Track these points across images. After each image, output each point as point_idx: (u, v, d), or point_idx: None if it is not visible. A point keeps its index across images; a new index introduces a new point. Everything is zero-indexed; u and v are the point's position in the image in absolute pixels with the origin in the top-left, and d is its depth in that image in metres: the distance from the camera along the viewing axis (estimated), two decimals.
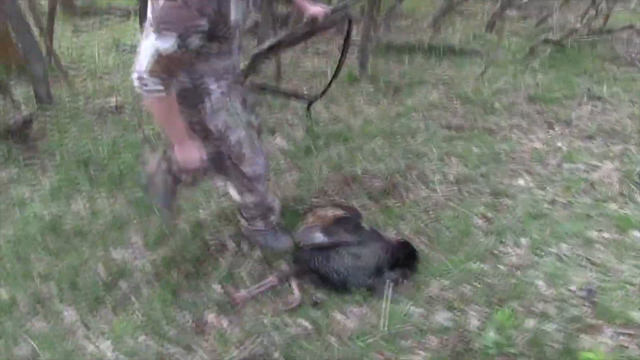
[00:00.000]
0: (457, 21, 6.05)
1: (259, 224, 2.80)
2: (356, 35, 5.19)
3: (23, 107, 4.39)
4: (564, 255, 2.57)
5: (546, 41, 5.03)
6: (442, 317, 2.26)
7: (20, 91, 4.79)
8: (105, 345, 2.40)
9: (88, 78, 5.19)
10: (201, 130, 2.21)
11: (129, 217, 3.17)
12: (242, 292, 2.53)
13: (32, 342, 2.44)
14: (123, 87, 4.94)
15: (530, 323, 2.16)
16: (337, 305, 2.42)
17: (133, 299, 2.62)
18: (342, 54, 2.86)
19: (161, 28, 1.74)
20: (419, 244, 2.74)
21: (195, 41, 1.80)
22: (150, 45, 1.76)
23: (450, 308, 2.30)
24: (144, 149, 3.87)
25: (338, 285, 2.49)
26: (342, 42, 2.92)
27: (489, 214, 2.93)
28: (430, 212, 3.00)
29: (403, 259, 2.52)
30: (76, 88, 4.88)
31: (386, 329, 2.22)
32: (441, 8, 5.89)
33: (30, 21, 5.12)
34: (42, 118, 4.33)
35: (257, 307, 2.49)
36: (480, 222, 2.89)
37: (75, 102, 4.64)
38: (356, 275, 2.45)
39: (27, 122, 3.94)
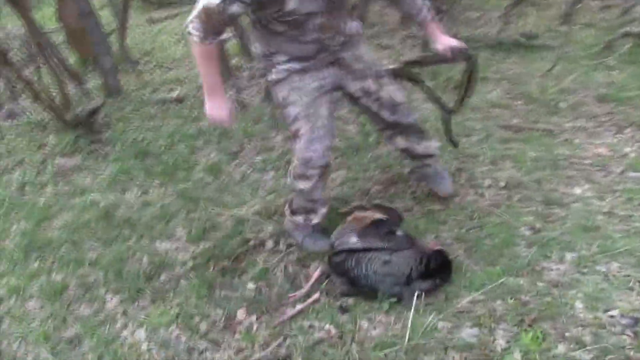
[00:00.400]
0: (530, 13, 5.75)
1: (299, 218, 2.82)
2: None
3: (94, 97, 4.61)
4: (612, 275, 2.38)
5: (626, 34, 4.67)
6: (467, 333, 2.16)
7: (94, 82, 5.03)
8: (141, 335, 2.49)
9: (156, 69, 5.38)
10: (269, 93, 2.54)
11: (177, 209, 3.26)
12: (286, 313, 2.49)
13: (77, 326, 2.58)
14: (188, 78, 5.08)
15: (561, 349, 2.01)
16: (364, 312, 2.39)
17: (171, 291, 2.70)
18: (465, 91, 2.92)
19: None
20: (457, 252, 2.64)
21: (236, 9, 2.06)
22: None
23: (478, 324, 2.19)
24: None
25: (366, 291, 2.45)
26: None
27: (537, 224, 2.77)
28: (474, 219, 2.88)
29: (436, 268, 2.44)
30: (144, 79, 5.07)
31: (409, 341, 2.16)
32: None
33: (109, 15, 5.40)
34: (109, 108, 4.54)
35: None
36: (526, 232, 2.74)
37: (141, 93, 4.82)
38: (385, 282, 2.40)
39: (93, 113, 4.12)
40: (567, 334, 2.07)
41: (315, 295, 2.49)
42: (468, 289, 2.40)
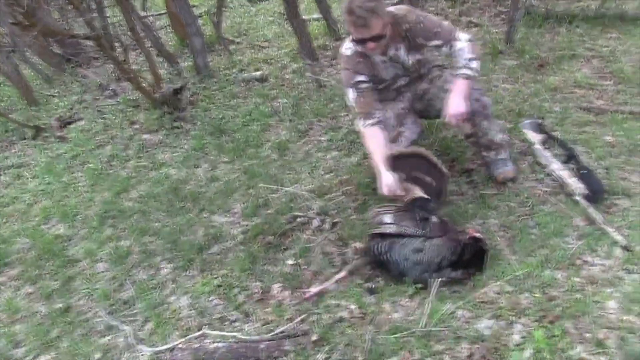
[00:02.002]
0: None
1: None
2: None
3: (185, 77, 4.88)
4: None
5: None
6: (484, 324, 2.06)
7: (188, 63, 5.31)
8: (184, 302, 2.66)
9: (248, 49, 5.56)
10: None
11: (239, 185, 3.40)
12: (313, 290, 2.53)
13: (133, 290, 2.81)
14: (275, 58, 5.21)
15: (578, 350, 1.85)
16: (390, 295, 2.37)
17: (219, 263, 2.85)
18: None
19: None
20: (498, 241, 2.52)
21: (365, 85, 2.79)
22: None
23: (497, 316, 2.09)
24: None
25: (395, 275, 2.43)
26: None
27: (594, 216, 2.55)
28: (527, 206, 2.72)
29: (469, 258, 2.34)
30: (234, 59, 5.26)
31: (424, 328, 2.10)
32: None
33: None
34: (196, 87, 4.79)
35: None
36: (580, 223, 2.54)
37: (229, 72, 5.02)
38: (414, 269, 2.36)
39: (177, 92, 4.37)
40: (588, 335, 1.91)
41: (341, 274, 2.51)
42: (497, 279, 2.29)
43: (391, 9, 2.76)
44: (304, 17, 4.91)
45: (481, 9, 5.14)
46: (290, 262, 2.73)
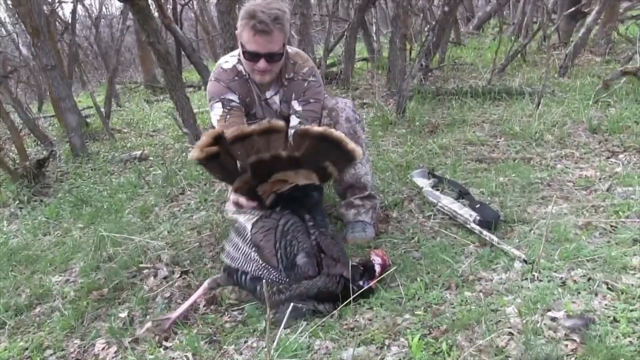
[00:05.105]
0: (525, 68, 5.38)
1: None
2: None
3: (53, 149, 4.41)
4: (572, 280, 1.79)
5: (625, 72, 4.17)
6: (349, 353, 1.57)
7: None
8: None
9: (133, 137, 5.20)
10: None
11: (87, 246, 2.85)
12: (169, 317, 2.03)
13: None
14: (161, 143, 4.84)
15: None
16: (235, 337, 1.85)
17: (36, 325, 2.24)
18: None
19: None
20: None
21: (235, 104, 2.42)
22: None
23: (368, 342, 1.62)
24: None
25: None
26: None
27: (488, 238, 2.19)
28: (413, 240, 2.35)
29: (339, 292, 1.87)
30: (117, 145, 4.85)
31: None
32: (507, 55, 5.28)
33: None
34: (69, 166, 4.33)
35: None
36: (473, 249, 2.17)
37: (109, 153, 4.59)
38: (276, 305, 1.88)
39: (40, 164, 3.89)
40: (484, 344, 1.46)
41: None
42: (373, 305, 1.83)
43: (289, 49, 2.45)
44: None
45: (373, 93, 5.08)
46: (122, 315, 2.16)
